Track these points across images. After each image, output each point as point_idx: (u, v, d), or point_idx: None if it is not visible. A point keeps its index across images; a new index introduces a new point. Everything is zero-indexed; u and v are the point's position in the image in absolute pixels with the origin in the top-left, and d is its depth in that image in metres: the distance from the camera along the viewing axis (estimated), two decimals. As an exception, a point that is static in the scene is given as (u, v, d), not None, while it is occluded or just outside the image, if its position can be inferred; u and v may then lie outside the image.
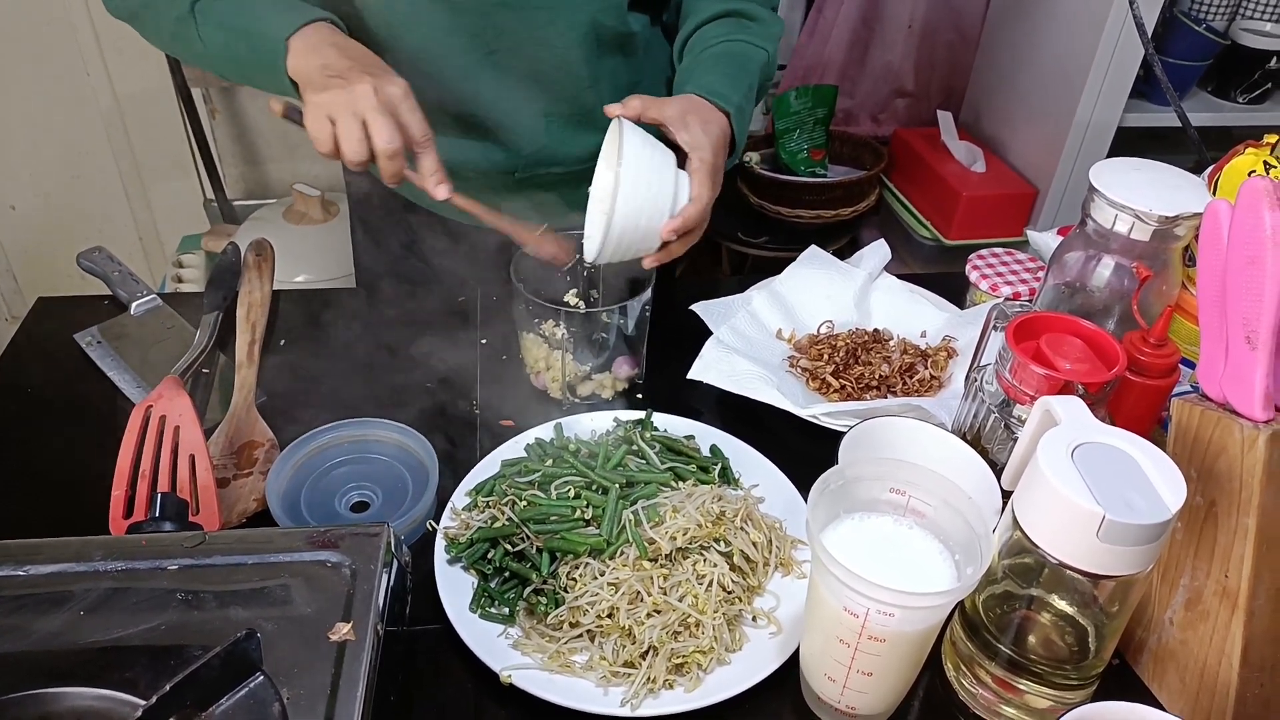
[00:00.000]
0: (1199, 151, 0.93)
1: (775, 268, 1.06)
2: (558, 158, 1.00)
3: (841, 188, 1.99)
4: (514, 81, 0.93)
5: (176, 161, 2.07)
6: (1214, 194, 0.77)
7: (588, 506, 0.72)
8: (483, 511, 0.75)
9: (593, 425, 0.86)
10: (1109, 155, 1.66)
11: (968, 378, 0.79)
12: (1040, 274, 1.01)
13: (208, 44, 0.85)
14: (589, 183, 0.86)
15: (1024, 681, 0.63)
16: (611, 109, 0.83)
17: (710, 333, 0.95)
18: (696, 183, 0.81)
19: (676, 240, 0.82)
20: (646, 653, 0.66)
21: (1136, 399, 0.72)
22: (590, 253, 0.82)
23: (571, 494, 0.74)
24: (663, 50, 1.06)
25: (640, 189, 0.77)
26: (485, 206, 0.83)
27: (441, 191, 0.79)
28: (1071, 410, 0.60)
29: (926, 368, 0.95)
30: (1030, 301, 0.97)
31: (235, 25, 0.83)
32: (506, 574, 0.71)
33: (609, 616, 0.67)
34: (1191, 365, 0.77)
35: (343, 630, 0.55)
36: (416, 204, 1.08)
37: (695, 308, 1.00)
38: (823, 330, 1.01)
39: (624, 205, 0.76)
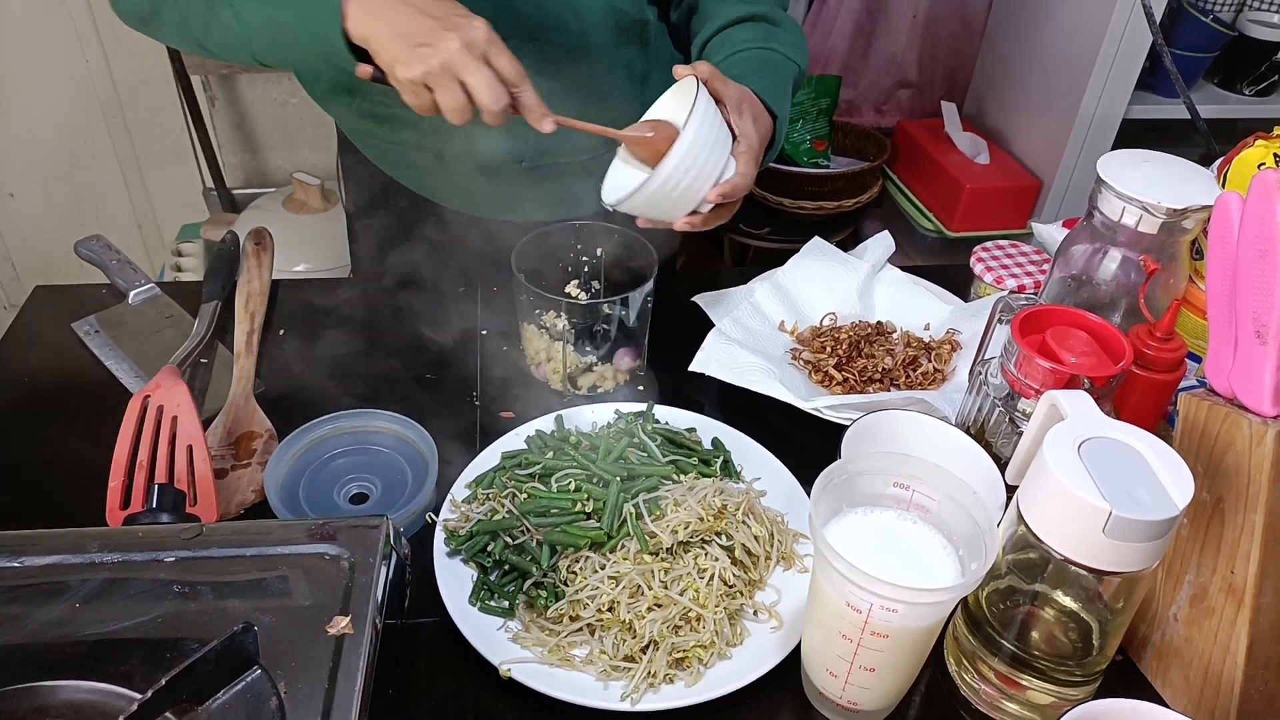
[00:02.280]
0: (1207, 144, 0.93)
1: (778, 259, 1.05)
2: (566, 147, 0.99)
3: (844, 179, 1.98)
4: (527, 67, 0.93)
5: (175, 150, 2.06)
6: (1223, 186, 0.76)
7: (588, 499, 0.72)
8: (483, 504, 0.75)
9: (594, 417, 0.85)
10: (1114, 147, 1.65)
11: (972, 371, 0.78)
12: (1045, 267, 1.00)
13: (246, 24, 0.79)
14: (597, 174, 0.85)
15: (1027, 677, 0.62)
16: (682, 69, 0.81)
17: (712, 324, 0.94)
18: (743, 163, 0.81)
19: (712, 209, 0.82)
20: (647, 647, 0.65)
21: (1142, 393, 0.71)
22: (621, 192, 0.80)
23: (572, 487, 0.74)
24: (667, 45, 1.06)
25: (699, 147, 0.76)
26: (583, 121, 0.81)
27: (547, 125, 0.77)
28: (1078, 405, 0.60)
29: (930, 361, 0.94)
30: (1035, 295, 0.96)
31: (277, 2, 0.77)
32: (506, 567, 0.70)
33: (609, 610, 0.67)
34: (1197, 360, 0.76)
35: (341, 624, 0.55)
36: (419, 194, 1.07)
37: (697, 299, 0.99)
38: (825, 322, 1.00)
39: (681, 158, 0.76)
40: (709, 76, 0.81)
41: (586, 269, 0.95)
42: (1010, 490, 0.66)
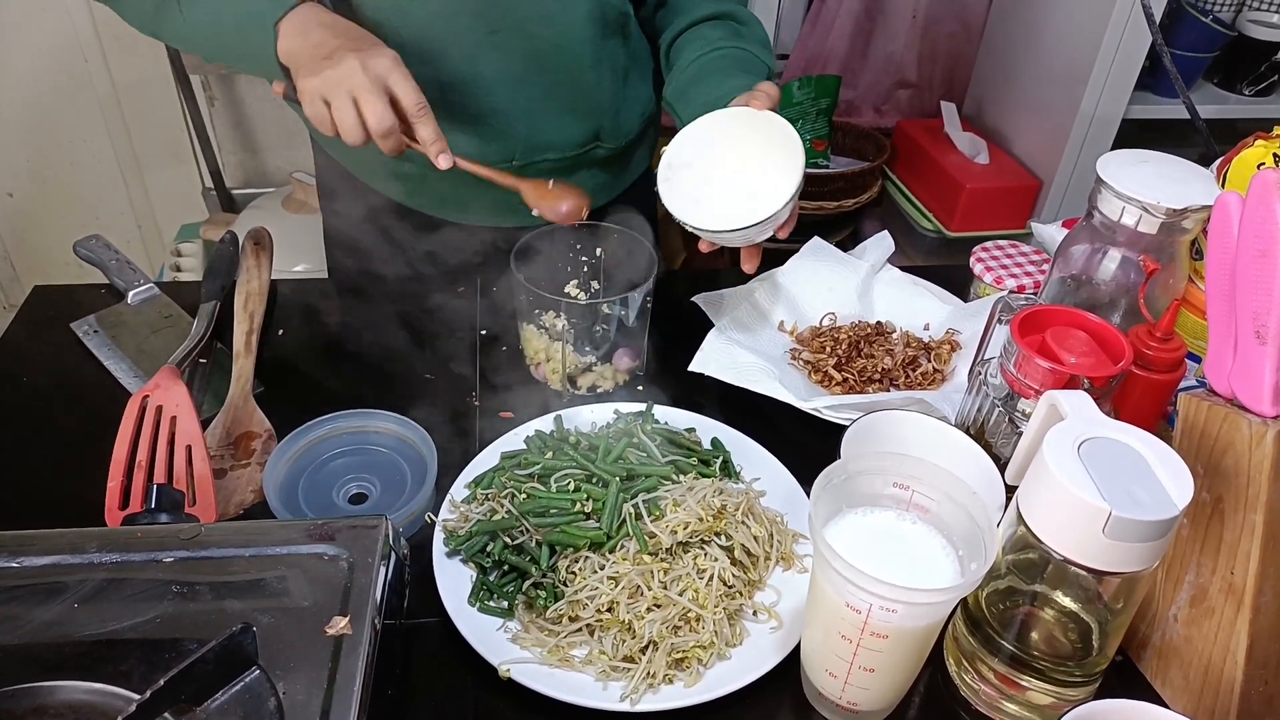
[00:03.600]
0: (1207, 144, 0.92)
1: (777, 259, 1.05)
2: (555, 143, 0.99)
3: (844, 179, 1.97)
4: (514, 63, 0.93)
5: (175, 149, 2.06)
6: (1223, 186, 0.76)
7: (588, 500, 0.72)
8: (482, 504, 0.74)
9: (593, 417, 0.85)
10: (1113, 148, 1.65)
11: (971, 371, 0.78)
12: (1045, 267, 1.00)
13: (192, 28, 0.85)
14: (584, 169, 0.87)
15: (1026, 678, 0.62)
16: (757, 102, 0.84)
17: (712, 324, 0.94)
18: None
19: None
20: (646, 647, 0.65)
21: (1142, 393, 0.71)
22: (715, 223, 0.84)
23: (571, 487, 0.73)
24: (643, 40, 1.07)
25: (796, 195, 0.82)
26: (490, 167, 0.84)
27: (444, 161, 0.80)
28: (1077, 405, 0.60)
29: (929, 361, 0.94)
30: (1035, 295, 0.96)
31: (220, 10, 0.82)
32: (505, 567, 0.70)
33: (609, 611, 0.66)
34: (1196, 359, 0.76)
35: (340, 624, 0.55)
36: (403, 204, 1.06)
37: (697, 299, 0.99)
38: (825, 322, 1.00)
39: (789, 201, 0.81)
40: (768, 103, 0.85)
41: (586, 269, 0.95)
42: (1010, 490, 0.66)
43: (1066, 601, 0.62)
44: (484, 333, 0.98)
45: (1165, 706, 0.54)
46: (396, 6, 0.89)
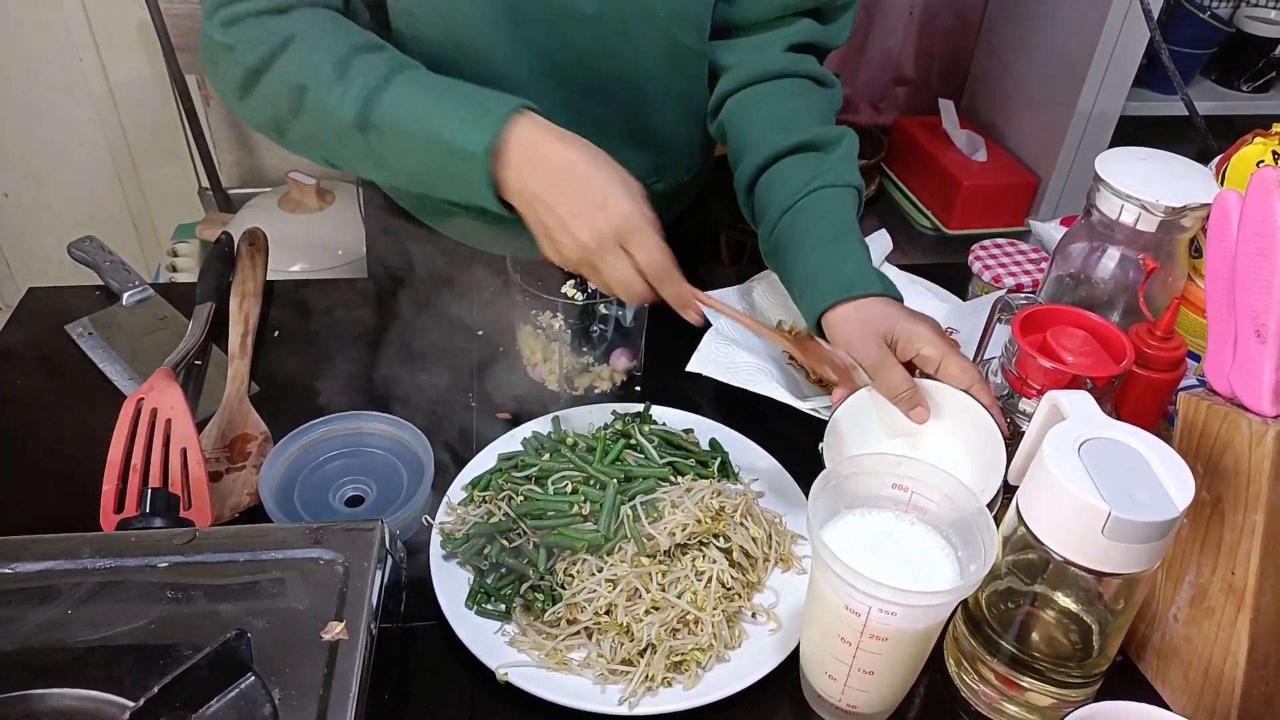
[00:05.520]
0: (1205, 140, 0.92)
1: (775, 258, 1.05)
2: None
3: (841, 177, 1.97)
4: (571, 96, 0.87)
5: (170, 149, 2.05)
6: (1222, 184, 0.76)
7: (585, 502, 0.72)
8: (479, 506, 0.74)
9: (590, 418, 0.85)
10: (1111, 144, 1.65)
11: (970, 370, 0.78)
12: (1043, 265, 1.00)
13: (381, 162, 0.75)
14: None
15: (1027, 679, 0.62)
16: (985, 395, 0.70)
17: (709, 324, 0.94)
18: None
19: None
20: (645, 650, 0.65)
21: (1142, 392, 0.71)
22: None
23: (569, 489, 0.73)
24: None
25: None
26: (753, 319, 0.77)
27: (691, 317, 0.73)
28: (1079, 405, 0.59)
29: (928, 360, 0.94)
30: (1033, 293, 0.96)
31: (417, 132, 0.71)
32: (503, 570, 0.70)
33: (607, 613, 0.66)
34: (1197, 358, 0.76)
35: (335, 629, 0.54)
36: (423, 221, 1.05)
37: (694, 299, 0.99)
38: (823, 321, 0.99)
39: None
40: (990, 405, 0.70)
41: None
42: (1010, 490, 0.66)
43: (1067, 602, 0.62)
44: (480, 333, 0.98)
45: (1166, 707, 0.54)
46: (457, 38, 0.84)
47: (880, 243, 1.06)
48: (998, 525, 0.59)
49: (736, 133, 0.91)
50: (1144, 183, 0.72)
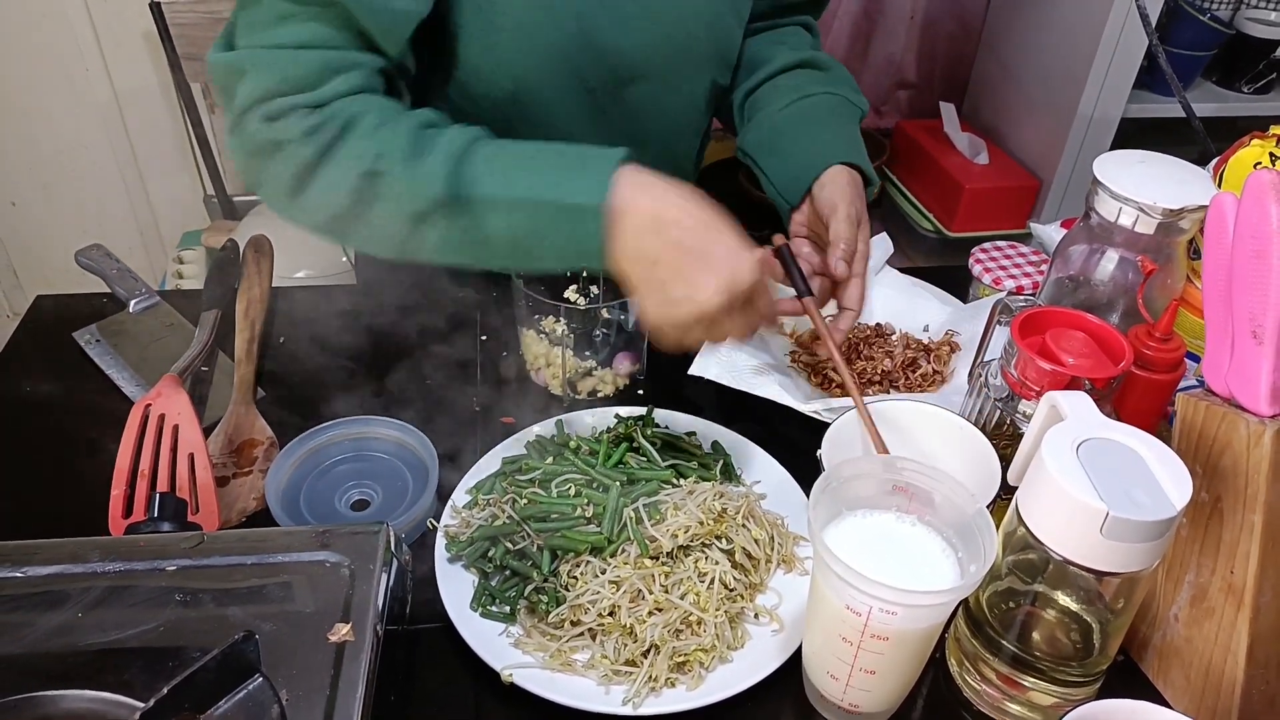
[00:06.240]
0: (1204, 143, 0.93)
1: (776, 262, 1.05)
2: None
3: (843, 180, 1.98)
4: (615, 138, 0.81)
5: (176, 157, 2.06)
6: (1219, 186, 0.76)
7: (589, 504, 0.72)
8: (483, 509, 0.75)
9: (593, 422, 0.85)
10: (1112, 147, 1.65)
11: (972, 373, 0.78)
12: (1044, 268, 1.00)
13: (482, 231, 0.67)
14: None
15: (1028, 678, 0.62)
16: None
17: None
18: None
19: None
20: (648, 651, 0.65)
21: (1141, 393, 0.71)
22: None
23: (572, 492, 0.74)
24: None
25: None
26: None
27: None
28: (1078, 406, 0.60)
29: (929, 362, 0.94)
30: (1034, 295, 0.96)
31: (521, 196, 0.66)
32: (507, 572, 0.70)
33: (610, 615, 0.67)
34: (1196, 359, 0.76)
35: (342, 631, 0.55)
36: None
37: (696, 303, 0.99)
38: (825, 325, 1.00)
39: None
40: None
41: (585, 273, 0.95)
42: (1010, 490, 0.66)
43: (1067, 602, 0.62)
44: (484, 338, 0.99)
45: (1167, 706, 0.54)
46: (518, 96, 0.84)
47: (882, 246, 1.07)
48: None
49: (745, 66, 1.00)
50: (1142, 185, 0.72)
